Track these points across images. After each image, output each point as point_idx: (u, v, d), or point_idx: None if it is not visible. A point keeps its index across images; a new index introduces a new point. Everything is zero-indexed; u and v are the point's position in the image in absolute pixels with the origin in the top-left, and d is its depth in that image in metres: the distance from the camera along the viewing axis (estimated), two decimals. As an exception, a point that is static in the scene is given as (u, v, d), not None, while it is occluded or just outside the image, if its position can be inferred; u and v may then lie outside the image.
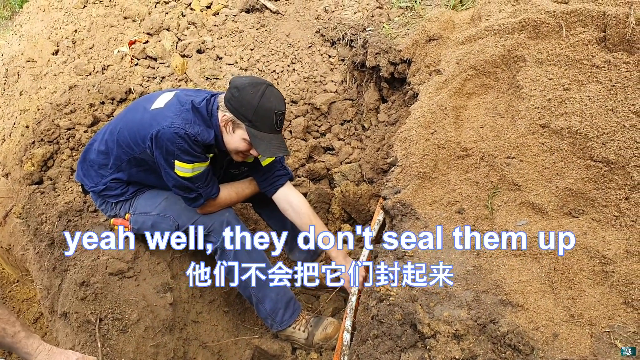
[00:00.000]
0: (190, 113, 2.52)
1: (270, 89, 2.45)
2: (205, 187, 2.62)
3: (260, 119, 2.42)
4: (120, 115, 2.87)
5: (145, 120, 2.55)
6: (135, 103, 2.85)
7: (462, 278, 2.00)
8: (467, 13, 3.46)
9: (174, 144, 2.44)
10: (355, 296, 2.55)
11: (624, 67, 2.26)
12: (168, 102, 2.58)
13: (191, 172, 2.52)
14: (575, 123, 2.22)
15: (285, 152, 2.53)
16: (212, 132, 2.55)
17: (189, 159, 2.48)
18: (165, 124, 2.45)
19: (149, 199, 2.80)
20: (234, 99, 2.43)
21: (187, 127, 2.45)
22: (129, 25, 5.17)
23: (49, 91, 4.57)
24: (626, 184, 1.99)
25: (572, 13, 2.58)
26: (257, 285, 2.77)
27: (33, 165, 3.63)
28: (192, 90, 2.79)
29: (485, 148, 2.43)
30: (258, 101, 2.39)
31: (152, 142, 2.48)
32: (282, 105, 2.47)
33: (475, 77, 2.81)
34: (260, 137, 2.44)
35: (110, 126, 2.81)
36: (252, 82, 2.45)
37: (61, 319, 2.81)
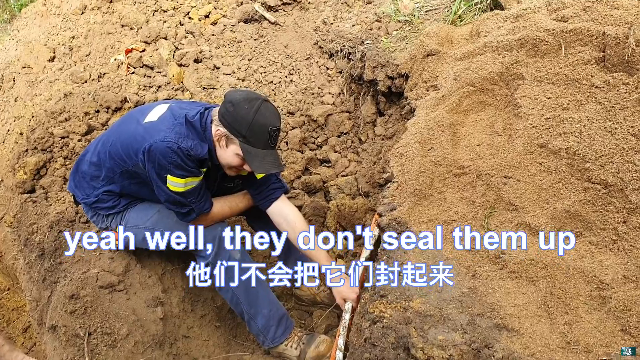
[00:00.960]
0: (184, 127, 2.48)
1: (265, 105, 2.42)
2: (197, 202, 2.58)
3: (255, 135, 2.39)
4: (113, 126, 2.83)
5: (138, 133, 2.52)
6: (128, 115, 2.81)
7: (457, 300, 1.97)
8: (465, 29, 3.45)
9: (167, 158, 2.40)
10: (348, 314, 2.51)
11: (623, 88, 2.24)
12: (162, 115, 2.55)
13: (184, 187, 2.49)
14: (574, 144, 2.19)
15: (279, 168, 2.50)
16: (206, 146, 2.52)
17: (181, 174, 2.45)
18: (158, 138, 2.42)
19: (141, 212, 2.76)
20: (228, 113, 2.40)
21: (180, 141, 2.41)
22: (126, 33, 5.14)
23: (44, 98, 4.53)
24: (624, 207, 1.97)
25: (572, 32, 2.56)
26: (249, 301, 2.73)
27: (25, 174, 3.59)
28: (186, 102, 2.76)
29: (482, 166, 2.41)
30: (253, 117, 2.36)
31: (145, 155, 2.44)
32: (277, 121, 2.44)
33: (473, 94, 2.78)
34: (254, 153, 2.41)
35: (103, 137, 2.78)
36: (248, 97, 2.42)
37: (50, 332, 2.76)
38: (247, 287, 2.73)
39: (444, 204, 2.39)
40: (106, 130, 2.90)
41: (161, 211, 2.70)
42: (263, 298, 2.76)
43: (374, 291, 2.13)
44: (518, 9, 3.06)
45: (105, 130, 2.94)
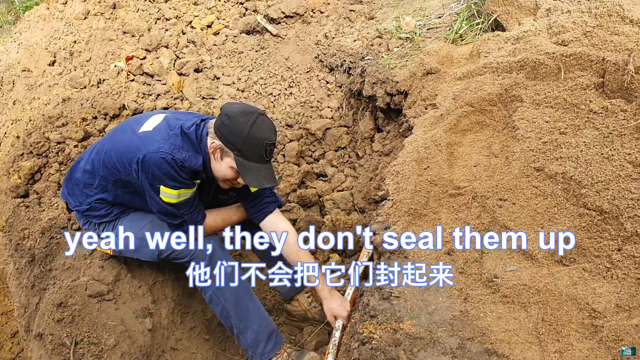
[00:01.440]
0: (179, 138, 2.47)
1: (261, 119, 2.40)
2: (190, 214, 2.56)
3: (250, 149, 2.37)
4: (108, 135, 2.82)
5: (132, 142, 2.51)
6: (124, 124, 2.80)
7: (447, 323, 1.95)
8: (466, 48, 3.45)
9: (161, 169, 2.39)
10: (339, 332, 2.49)
11: (621, 115, 2.23)
12: (157, 125, 2.54)
13: (176, 198, 2.47)
14: (570, 169, 2.18)
15: (273, 182, 2.47)
16: (201, 158, 2.50)
17: (174, 185, 2.43)
18: (152, 149, 2.40)
19: (133, 222, 2.74)
20: (224, 126, 2.38)
21: (174, 152, 2.40)
22: (127, 40, 5.14)
23: (42, 102, 4.52)
24: (619, 234, 1.95)
25: (572, 56, 2.56)
26: (239, 316, 2.70)
27: (20, 178, 3.57)
28: (182, 113, 2.75)
29: (477, 188, 2.39)
30: (248, 131, 2.34)
31: (139, 165, 2.43)
32: (272, 135, 2.42)
33: (471, 114, 2.78)
34: (248, 167, 2.39)
35: (98, 145, 2.76)
36: (244, 110, 2.40)
37: (36, 340, 2.73)
38: (237, 301, 2.70)
39: (439, 224, 2.37)
40: (101, 138, 2.87)
41: (153, 221, 2.68)
42: (253, 313, 2.73)
43: (364, 311, 2.10)
44: (519, 31, 3.06)
45: (101, 138, 2.92)
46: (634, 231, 1.91)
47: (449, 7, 4.19)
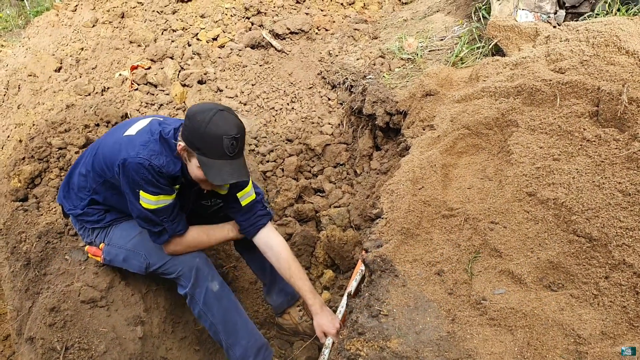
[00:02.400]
0: (158, 144, 2.48)
1: (220, 114, 2.34)
2: (170, 222, 2.56)
3: (209, 146, 2.33)
4: (100, 138, 2.86)
5: (116, 145, 2.53)
6: (115, 127, 2.84)
7: (434, 343, 1.96)
8: (465, 71, 3.49)
9: (139, 174, 2.41)
10: (328, 349, 2.50)
11: (613, 144, 2.26)
12: (140, 129, 2.56)
13: (155, 205, 2.48)
14: (562, 195, 2.21)
15: (238, 177, 2.42)
16: (179, 163, 2.51)
17: (153, 191, 2.44)
18: (132, 154, 2.42)
19: (124, 231, 2.76)
20: (186, 127, 2.38)
21: (152, 158, 2.42)
22: (133, 49, 5.20)
23: (46, 107, 4.57)
24: (607, 262, 1.98)
25: (568, 84, 2.60)
26: (227, 331, 2.71)
27: (20, 182, 3.59)
28: (170, 118, 2.75)
29: (470, 210, 2.42)
30: (204, 128, 2.30)
31: (119, 169, 2.45)
32: (233, 129, 2.34)
33: (468, 137, 2.81)
34: (210, 165, 2.35)
35: (90, 148, 2.80)
36: (202, 109, 2.38)
37: (27, 344, 2.74)
38: (225, 317, 2.71)
39: (430, 244, 2.39)
40: (94, 142, 2.92)
41: (143, 233, 2.70)
42: (241, 329, 2.74)
43: (352, 328, 2.12)
44: (518, 57, 3.11)
45: (93, 142, 2.95)
46: (622, 259, 1.94)
47: (451, 30, 4.25)
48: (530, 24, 3.43)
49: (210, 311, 2.68)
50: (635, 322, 1.83)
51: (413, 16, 5.12)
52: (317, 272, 3.65)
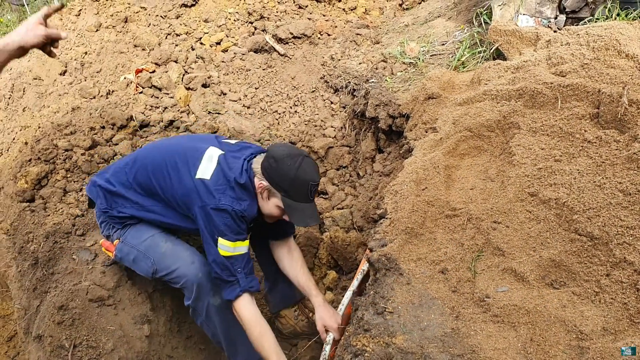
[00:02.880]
0: (236, 190, 2.57)
1: (306, 161, 2.54)
2: (244, 275, 2.59)
3: (296, 190, 2.51)
4: (158, 161, 2.75)
5: (190, 188, 2.58)
6: (176, 156, 2.72)
7: (439, 339, 2.00)
8: (467, 75, 3.54)
9: (221, 219, 2.49)
10: (329, 346, 2.53)
11: (614, 145, 2.31)
12: (213, 173, 2.58)
13: (232, 252, 2.54)
14: (563, 195, 2.25)
15: (316, 221, 2.64)
16: (256, 205, 2.63)
17: (231, 237, 2.52)
18: (213, 202, 2.51)
19: (139, 232, 2.80)
20: (272, 169, 2.51)
21: (234, 204, 2.51)
22: (138, 53, 5.25)
23: (51, 110, 4.61)
24: (608, 260, 2.02)
25: (569, 87, 2.64)
26: (227, 343, 2.77)
27: (27, 183, 3.64)
28: (231, 153, 2.71)
29: (473, 210, 2.46)
30: (294, 173, 2.48)
31: (198, 212, 2.52)
32: (317, 176, 2.58)
33: (470, 139, 2.85)
34: (295, 207, 2.54)
35: (145, 168, 2.74)
36: (290, 153, 2.54)
37: (35, 342, 2.78)
38: (226, 331, 2.76)
39: (434, 243, 2.43)
40: (145, 159, 2.81)
41: (155, 237, 2.74)
42: (242, 343, 2.78)
43: (358, 325, 2.16)
44: (519, 61, 3.15)
45: (143, 154, 2.87)
46: (623, 257, 1.98)
47: (453, 35, 4.30)
48: (531, 28, 3.48)
49: (212, 323, 2.75)
50: (635, 319, 1.87)
51: (414, 21, 5.17)
52: (321, 273, 3.69)
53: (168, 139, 3.12)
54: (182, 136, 3.07)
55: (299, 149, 2.65)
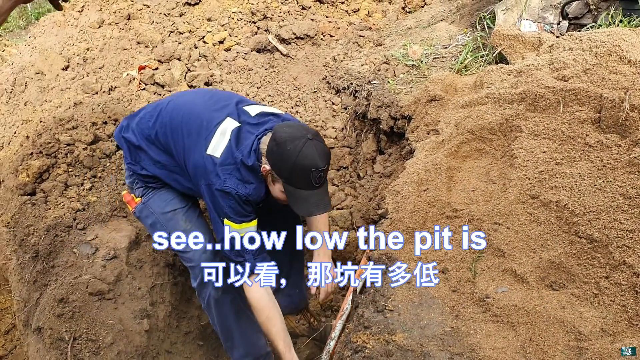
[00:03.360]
0: (242, 171, 2.44)
1: (309, 144, 2.29)
2: (253, 257, 2.51)
3: (297, 177, 2.31)
4: (176, 123, 2.61)
5: (200, 163, 2.47)
6: (192, 123, 2.58)
7: (438, 338, 2.02)
8: (470, 78, 3.56)
9: (225, 201, 2.40)
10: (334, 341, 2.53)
11: (615, 149, 2.33)
12: (224, 151, 2.45)
13: (240, 233, 2.45)
14: (564, 198, 2.27)
15: (323, 209, 2.44)
16: (264, 186, 2.50)
17: (236, 219, 2.43)
18: (218, 182, 2.40)
19: (162, 201, 2.75)
20: (273, 153, 2.33)
21: (239, 187, 2.40)
22: (141, 50, 5.26)
23: (53, 105, 4.62)
24: (608, 263, 2.04)
25: (571, 91, 2.67)
26: (225, 337, 2.77)
27: (28, 176, 3.64)
28: (247, 128, 2.53)
29: (474, 211, 2.48)
30: (295, 159, 2.27)
31: (205, 190, 2.44)
32: (321, 161, 2.31)
33: (472, 141, 2.87)
34: (296, 195, 2.36)
35: (165, 126, 2.62)
36: (292, 135, 2.30)
37: (34, 334, 2.79)
38: (222, 323, 2.75)
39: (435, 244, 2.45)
40: (167, 114, 2.66)
41: (177, 214, 2.71)
42: (238, 337, 2.79)
43: (358, 322, 2.17)
44: (522, 65, 3.18)
45: (166, 109, 2.70)
46: (622, 260, 2.00)
47: (456, 39, 4.32)
48: (534, 33, 3.50)
49: (210, 312, 2.75)
50: (634, 321, 1.89)
51: (417, 24, 5.19)
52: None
53: (193, 95, 2.88)
54: (205, 93, 2.85)
55: (307, 128, 2.41)
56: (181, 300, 3.15)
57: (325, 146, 2.38)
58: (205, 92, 2.81)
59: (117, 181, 3.69)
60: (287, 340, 2.57)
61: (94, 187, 3.63)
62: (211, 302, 2.72)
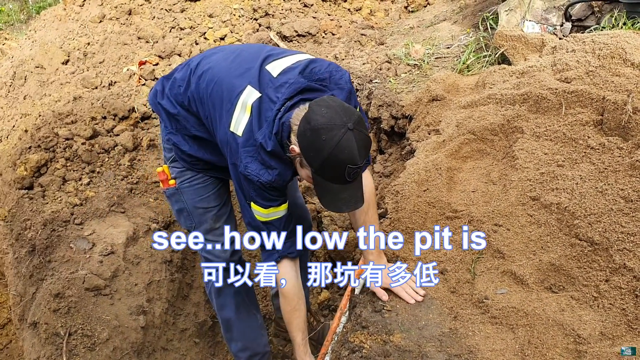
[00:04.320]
0: (263, 156, 2.13)
1: (348, 136, 1.91)
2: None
3: (329, 171, 1.98)
4: (202, 91, 2.35)
5: (225, 139, 2.23)
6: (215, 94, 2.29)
7: (436, 339, 2.00)
8: (472, 79, 3.55)
9: (250, 185, 2.18)
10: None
11: (617, 152, 2.32)
12: (245, 128, 2.16)
13: (266, 217, 2.27)
14: (565, 200, 2.26)
15: (353, 206, 2.11)
16: (290, 168, 2.19)
17: (263, 204, 2.22)
18: (241, 165, 2.15)
19: (197, 195, 2.61)
20: (305, 138, 1.96)
21: (261, 174, 2.13)
22: (141, 45, 5.25)
23: (53, 99, 4.61)
24: (608, 266, 2.02)
25: (574, 93, 2.65)
26: (223, 327, 2.76)
27: (26, 170, 3.63)
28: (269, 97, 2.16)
29: (474, 212, 2.46)
30: (329, 151, 1.91)
31: (231, 169, 2.24)
32: (359, 157, 1.95)
33: (473, 142, 2.86)
34: (326, 188, 2.04)
35: (193, 94, 2.38)
36: (329, 123, 1.91)
37: (30, 329, 2.77)
38: (220, 313, 2.75)
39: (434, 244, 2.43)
40: (196, 78, 2.39)
41: (209, 212, 2.61)
42: (237, 330, 2.77)
43: (356, 321, 2.16)
44: (524, 66, 3.16)
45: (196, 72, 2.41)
46: (622, 263, 1.98)
47: (458, 39, 4.31)
48: (537, 35, 3.49)
49: (211, 301, 2.73)
50: (633, 324, 1.87)
51: (419, 24, 5.18)
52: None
53: (219, 56, 2.47)
54: (231, 53, 2.44)
55: (348, 112, 1.96)
56: (178, 297, 3.14)
57: (366, 137, 2.00)
58: (232, 51, 2.48)
59: (115, 177, 3.67)
60: (305, 333, 2.45)
61: (92, 182, 3.62)
62: (212, 291, 2.70)
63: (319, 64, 2.24)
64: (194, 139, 2.46)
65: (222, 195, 2.66)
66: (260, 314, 2.92)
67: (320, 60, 2.27)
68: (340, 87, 2.20)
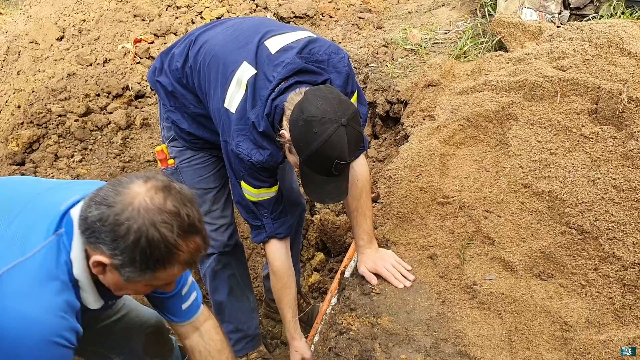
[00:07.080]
0: (255, 135, 2.11)
1: (340, 132, 1.89)
2: (271, 221, 2.30)
3: (316, 163, 1.97)
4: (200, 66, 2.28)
5: (218, 115, 2.20)
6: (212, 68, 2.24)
7: (424, 323, 2.02)
8: (468, 65, 3.53)
9: (241, 164, 2.16)
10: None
11: (610, 141, 2.31)
12: (239, 106, 2.12)
13: (256, 197, 2.25)
14: (557, 188, 2.26)
15: (337, 198, 2.14)
16: (281, 150, 2.16)
17: (254, 183, 2.20)
18: (233, 143, 2.12)
19: (197, 175, 2.57)
20: (297, 127, 1.94)
21: (252, 154, 2.10)
22: (137, 23, 5.20)
23: (46, 75, 4.57)
24: (597, 255, 2.03)
25: (569, 81, 2.64)
26: (217, 309, 2.77)
27: (18, 146, 3.61)
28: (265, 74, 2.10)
29: (466, 198, 2.46)
30: (319, 145, 1.89)
31: (223, 146, 2.22)
32: (349, 153, 1.94)
33: (467, 128, 2.85)
34: (312, 179, 2.04)
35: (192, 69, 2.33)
36: (323, 116, 1.88)
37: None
38: (213, 296, 2.77)
39: (425, 229, 2.44)
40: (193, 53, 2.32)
41: (208, 194, 2.58)
42: (229, 313, 2.79)
43: (344, 304, 2.16)
44: (521, 53, 3.15)
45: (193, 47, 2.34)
46: (611, 252, 1.99)
47: (456, 25, 4.28)
48: (535, 22, 3.47)
49: (205, 283, 2.73)
50: (620, 313, 1.89)
51: (418, 9, 5.15)
52: (309, 254, 3.69)
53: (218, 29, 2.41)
54: (230, 26, 2.37)
55: (344, 106, 1.93)
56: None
57: (358, 132, 1.98)
58: (232, 24, 2.42)
59: (108, 154, 3.65)
60: (295, 310, 2.44)
61: (84, 159, 3.60)
62: (208, 271, 2.69)
63: (319, 44, 2.17)
64: (193, 117, 2.43)
65: (222, 176, 2.62)
66: (253, 296, 2.93)
67: (321, 40, 2.22)
68: (339, 71, 2.17)
